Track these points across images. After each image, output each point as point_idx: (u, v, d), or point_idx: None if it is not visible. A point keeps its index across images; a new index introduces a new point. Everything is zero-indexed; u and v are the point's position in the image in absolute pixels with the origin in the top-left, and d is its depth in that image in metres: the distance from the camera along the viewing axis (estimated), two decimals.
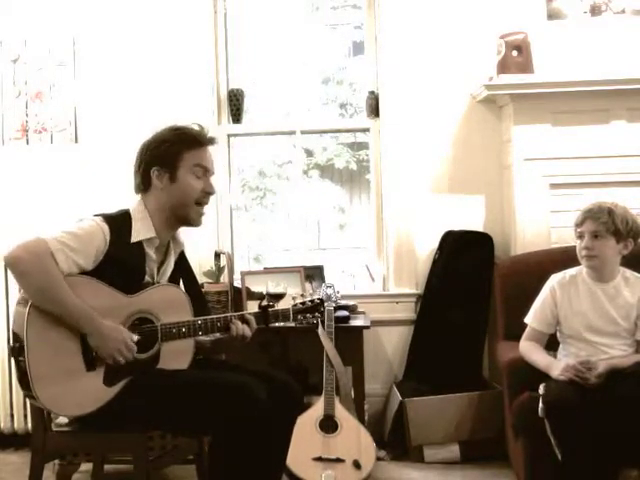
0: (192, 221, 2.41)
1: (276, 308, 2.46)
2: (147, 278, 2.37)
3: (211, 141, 2.45)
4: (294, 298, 2.53)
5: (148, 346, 2.30)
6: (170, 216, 2.39)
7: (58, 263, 2.17)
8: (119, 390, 2.26)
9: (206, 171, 2.40)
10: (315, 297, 2.49)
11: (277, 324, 2.49)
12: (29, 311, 2.17)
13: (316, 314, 2.46)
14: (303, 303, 2.47)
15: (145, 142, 2.42)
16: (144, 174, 2.39)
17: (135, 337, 2.27)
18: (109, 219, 2.31)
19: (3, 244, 3.44)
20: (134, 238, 2.32)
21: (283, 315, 2.45)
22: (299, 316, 2.45)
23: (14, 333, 2.24)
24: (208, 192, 2.40)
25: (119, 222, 2.32)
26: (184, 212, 2.38)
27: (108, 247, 2.26)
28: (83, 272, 2.24)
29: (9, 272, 2.21)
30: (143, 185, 2.40)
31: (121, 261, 2.28)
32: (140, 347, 2.28)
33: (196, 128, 2.44)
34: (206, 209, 2.44)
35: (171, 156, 2.36)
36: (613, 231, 2.71)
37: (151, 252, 2.38)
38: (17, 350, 2.19)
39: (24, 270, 2.17)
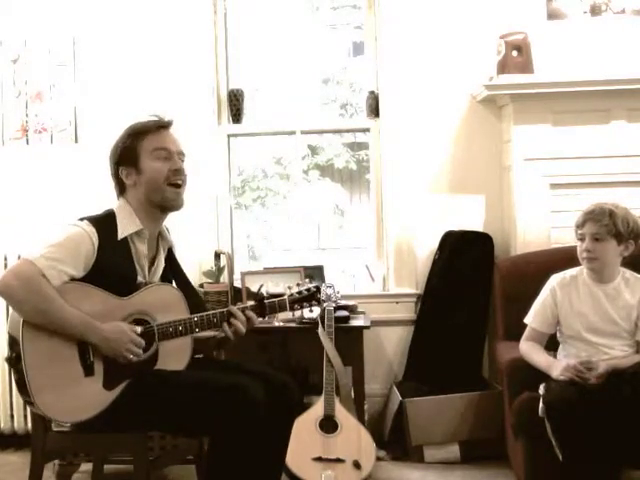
0: (170, 202, 2.37)
1: (272, 300, 2.43)
2: (139, 278, 2.36)
3: (164, 123, 2.40)
4: (290, 288, 2.49)
5: (146, 347, 2.29)
6: (150, 206, 2.37)
7: (50, 281, 2.16)
8: (119, 393, 2.26)
9: (168, 152, 2.36)
10: (311, 285, 2.44)
11: (276, 319, 2.45)
12: (23, 321, 2.16)
13: (313, 302, 2.42)
14: (299, 292, 2.43)
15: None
16: (116, 178, 2.41)
17: (138, 329, 2.27)
18: (94, 221, 2.30)
19: (3, 243, 3.49)
20: (121, 235, 2.32)
21: (280, 306, 2.41)
22: (296, 305, 2.42)
23: (10, 340, 2.21)
24: (176, 170, 2.36)
25: (104, 222, 2.32)
26: (159, 197, 2.35)
27: (97, 252, 2.25)
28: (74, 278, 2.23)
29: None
30: (119, 188, 2.42)
31: (111, 264, 2.27)
32: None
33: (148, 118, 2.42)
34: (186, 192, 2.40)
35: (129, 151, 2.36)
36: (614, 233, 2.69)
37: (142, 247, 2.37)
38: (14, 360, 2.18)
39: (19, 299, 2.16)
